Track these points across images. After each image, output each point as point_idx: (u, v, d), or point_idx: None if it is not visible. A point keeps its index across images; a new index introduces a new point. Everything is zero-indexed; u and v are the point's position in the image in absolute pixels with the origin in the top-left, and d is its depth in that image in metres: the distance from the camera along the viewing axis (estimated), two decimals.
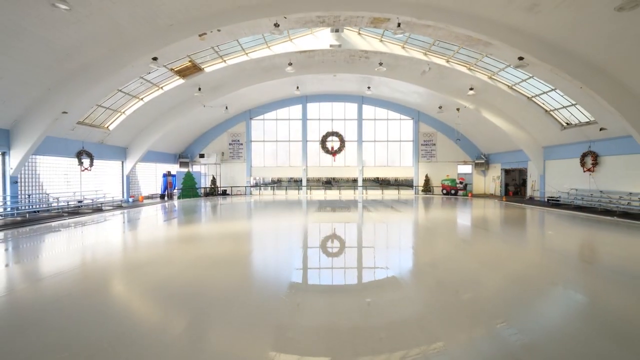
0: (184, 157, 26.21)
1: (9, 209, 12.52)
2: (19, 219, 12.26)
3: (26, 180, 13.81)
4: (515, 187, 25.28)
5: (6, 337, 3.52)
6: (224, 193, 26.64)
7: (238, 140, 27.21)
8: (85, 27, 10.71)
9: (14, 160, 12.73)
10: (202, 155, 25.77)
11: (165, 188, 23.38)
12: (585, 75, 12.42)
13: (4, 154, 12.61)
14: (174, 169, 25.14)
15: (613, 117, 13.33)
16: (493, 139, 23.49)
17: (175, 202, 21.31)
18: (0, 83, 11.08)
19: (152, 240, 9.54)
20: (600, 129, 15.23)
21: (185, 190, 23.42)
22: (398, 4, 12.00)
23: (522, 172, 24.43)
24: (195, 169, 26.36)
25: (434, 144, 27.14)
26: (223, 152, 27.11)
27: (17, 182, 13.01)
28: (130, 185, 20.57)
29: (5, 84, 11.25)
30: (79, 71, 12.48)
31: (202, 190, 25.37)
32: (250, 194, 27.16)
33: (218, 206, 18.69)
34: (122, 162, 19.86)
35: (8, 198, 12.60)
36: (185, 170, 24.89)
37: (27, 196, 13.59)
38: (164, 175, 23.51)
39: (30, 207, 13.39)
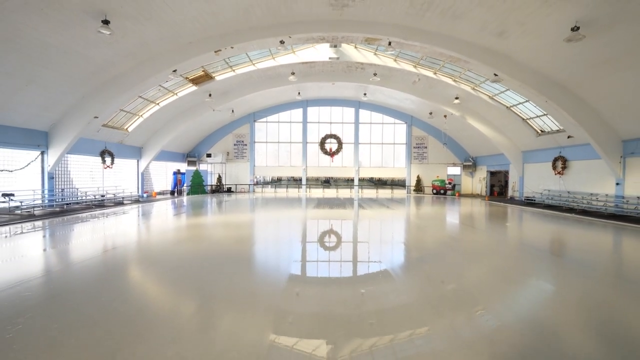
0: (191, 156, 28.03)
1: (47, 201, 14.35)
2: (57, 209, 14.10)
3: (60, 176, 15.63)
4: (500, 188, 27.18)
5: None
6: (229, 190, 28.49)
7: (242, 141, 29.05)
8: (119, 45, 12.54)
9: (51, 158, 14.57)
10: (209, 155, 27.61)
11: (175, 185, 25.20)
12: (550, 91, 14.34)
13: (42, 153, 14.44)
14: (183, 167, 26.96)
15: (575, 127, 15.25)
16: (479, 144, 25.41)
17: (186, 197, 23.14)
18: (45, 93, 12.93)
19: (180, 225, 11.38)
20: (568, 137, 17.14)
21: (194, 187, 25.27)
22: (388, 27, 13.84)
23: (506, 174, 26.32)
24: (202, 167, 28.19)
25: (426, 147, 29.04)
26: (228, 152, 28.95)
27: (53, 178, 14.85)
28: (144, 182, 22.39)
29: (49, 94, 13.08)
30: (109, 82, 14.33)
31: (209, 188, 27.20)
32: (253, 191, 29.01)
33: (226, 202, 20.53)
34: (138, 161, 21.68)
35: (46, 192, 14.43)
36: (193, 168, 26.74)
37: (60, 190, 15.42)
38: (174, 173, 25.33)
39: (64, 199, 15.22)
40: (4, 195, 12.20)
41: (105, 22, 10.59)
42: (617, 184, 14.83)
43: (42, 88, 12.64)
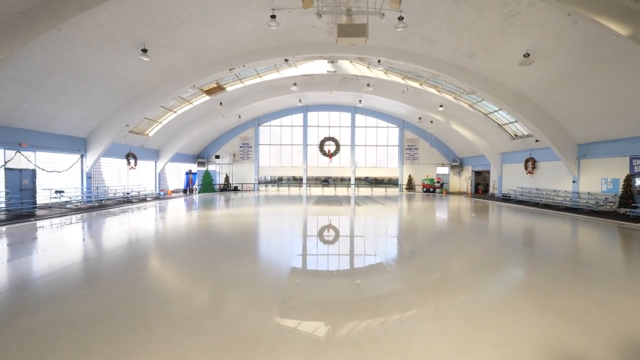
0: (201, 158, 30.46)
1: (85, 198, 16.78)
2: (96, 204, 16.54)
3: (95, 176, 18.05)
4: (484, 186, 29.64)
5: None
6: (235, 189, 30.95)
7: (248, 144, 31.50)
8: (150, 67, 14.96)
9: (89, 160, 17.01)
10: (217, 156, 30.07)
11: (187, 184, 27.64)
12: (515, 102, 16.81)
13: (82, 156, 16.88)
14: (193, 167, 29.39)
15: (539, 132, 17.72)
16: (464, 146, 27.88)
17: (199, 195, 25.58)
18: (88, 107, 15.37)
19: (206, 214, 13.82)
20: (536, 141, 19.60)
21: (205, 185, 27.73)
22: (377, 49, 16.25)
23: (488, 174, 28.79)
24: (210, 168, 30.62)
25: (417, 149, 31.53)
26: (235, 154, 31.39)
27: (90, 178, 17.29)
28: (161, 181, 24.82)
29: (91, 107, 15.52)
30: (139, 95, 16.76)
31: (218, 186, 29.66)
32: (258, 190, 31.46)
33: (236, 199, 22.97)
34: (155, 162, 24.11)
35: (85, 189, 16.87)
36: (203, 169, 29.19)
37: (96, 188, 17.86)
38: (187, 173, 27.76)
39: (98, 196, 17.65)
40: (57, 192, 14.65)
41: (144, 50, 13.04)
42: (574, 181, 17.31)
43: (86, 102, 15.07)
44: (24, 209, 12.93)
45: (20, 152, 13.44)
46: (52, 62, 11.72)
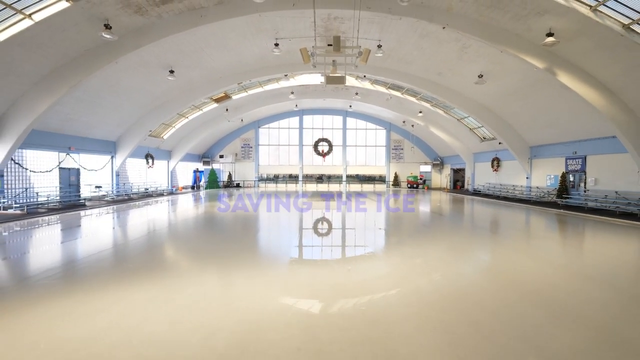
0: (206, 157, 33.40)
1: (115, 192, 19.72)
2: (125, 198, 19.50)
3: (122, 174, 20.97)
4: (462, 183, 33.03)
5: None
6: (238, 185, 33.96)
7: (248, 144, 34.51)
8: (172, 83, 17.92)
9: (118, 161, 19.94)
10: (221, 156, 33.06)
11: (195, 181, 30.60)
12: (478, 111, 20.07)
13: (112, 157, 19.81)
14: (199, 166, 32.32)
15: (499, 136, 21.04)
16: (444, 147, 31.18)
17: (206, 191, 28.56)
18: (119, 116, 18.31)
19: (217, 205, 16.84)
20: (499, 143, 22.89)
21: (210, 182, 30.72)
22: (362, 67, 19.22)
23: (464, 171, 32.15)
24: (214, 166, 33.57)
25: (402, 149, 34.79)
26: (236, 153, 34.38)
27: (118, 175, 20.23)
28: (172, 178, 27.75)
29: (122, 116, 18.46)
30: (160, 106, 19.71)
31: (222, 183, 32.66)
32: (258, 186, 34.50)
33: (241, 194, 26.00)
34: (168, 162, 27.04)
35: (115, 186, 19.82)
36: (208, 167, 32.15)
37: (123, 184, 20.80)
38: (194, 171, 30.71)
39: (126, 191, 20.60)
40: (96, 187, 17.60)
41: (171, 71, 16.04)
42: (527, 177, 20.66)
43: (118, 113, 18.01)
44: (71, 201, 15.88)
45: (69, 155, 16.36)
46: (101, 83, 14.69)
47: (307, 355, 3.16)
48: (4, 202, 12.46)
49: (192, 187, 30.53)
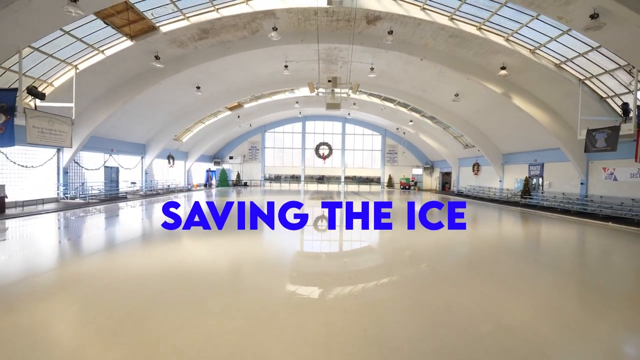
0: (217, 158, 36.60)
1: (144, 188, 22.90)
2: (154, 193, 22.69)
3: (149, 172, 24.16)
4: (449, 185, 36.18)
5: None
6: (245, 184, 37.15)
7: (255, 147, 37.71)
8: (195, 96, 21.08)
9: (147, 161, 23.14)
10: (231, 157, 36.26)
11: (207, 179, 33.79)
12: (458, 123, 23.26)
13: (142, 158, 23.01)
14: (210, 166, 35.51)
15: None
16: (432, 152, 34.37)
17: (218, 188, 31.72)
18: (150, 123, 21.51)
19: (234, 199, 19.99)
20: (479, 150, 26.07)
21: (222, 181, 33.92)
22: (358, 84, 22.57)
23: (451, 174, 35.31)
24: (224, 166, 36.76)
25: (396, 153, 37.98)
26: (244, 155, 37.58)
27: (147, 173, 23.43)
28: (188, 177, 30.95)
29: (152, 123, 21.67)
30: (183, 114, 22.91)
31: (231, 182, 35.86)
32: (264, 185, 37.67)
33: (250, 191, 29.15)
34: (185, 162, 30.23)
35: (144, 183, 23.02)
36: (219, 167, 35.35)
37: (150, 181, 24.00)
38: (207, 171, 33.92)
39: (153, 188, 23.79)
40: (132, 182, 20.79)
41: (198, 87, 19.26)
42: (500, 181, 23.84)
43: (150, 120, 21.22)
44: (113, 194, 19.06)
45: (111, 155, 19.56)
46: (142, 98, 17.89)
47: None
48: (69, 194, 15.65)
49: (205, 185, 33.71)
